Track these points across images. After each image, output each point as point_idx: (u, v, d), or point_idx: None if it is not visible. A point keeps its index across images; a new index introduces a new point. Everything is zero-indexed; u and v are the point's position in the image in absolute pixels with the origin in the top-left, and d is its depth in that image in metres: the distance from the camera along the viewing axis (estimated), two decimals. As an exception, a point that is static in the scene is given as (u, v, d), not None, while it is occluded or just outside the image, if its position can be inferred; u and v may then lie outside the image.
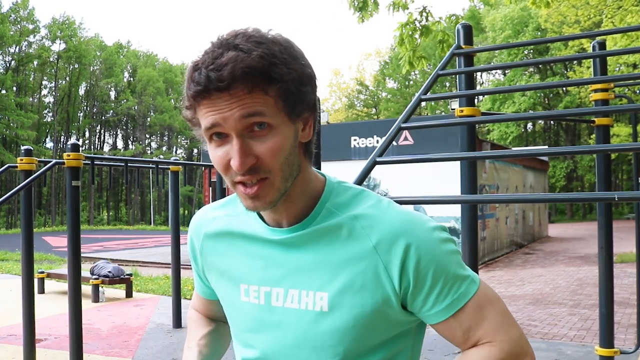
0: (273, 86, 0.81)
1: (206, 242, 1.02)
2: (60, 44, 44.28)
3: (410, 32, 6.47)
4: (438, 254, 0.87)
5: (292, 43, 0.86)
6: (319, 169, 1.56)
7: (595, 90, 3.07)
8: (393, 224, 0.87)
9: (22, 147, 4.87)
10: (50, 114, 45.42)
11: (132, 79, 51.80)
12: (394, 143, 10.97)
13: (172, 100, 52.03)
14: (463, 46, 2.68)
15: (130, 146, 50.70)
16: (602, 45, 3.13)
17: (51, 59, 43.79)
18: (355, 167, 1.89)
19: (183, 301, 7.12)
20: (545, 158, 20.83)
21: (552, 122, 40.28)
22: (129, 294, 8.59)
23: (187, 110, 0.87)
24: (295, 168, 0.88)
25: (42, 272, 9.02)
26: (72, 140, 6.89)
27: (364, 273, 0.86)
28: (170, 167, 6.69)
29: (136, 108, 49.25)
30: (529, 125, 41.92)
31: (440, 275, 0.86)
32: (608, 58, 8.61)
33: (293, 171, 0.87)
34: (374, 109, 49.63)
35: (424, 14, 6.52)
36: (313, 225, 0.90)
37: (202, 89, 0.80)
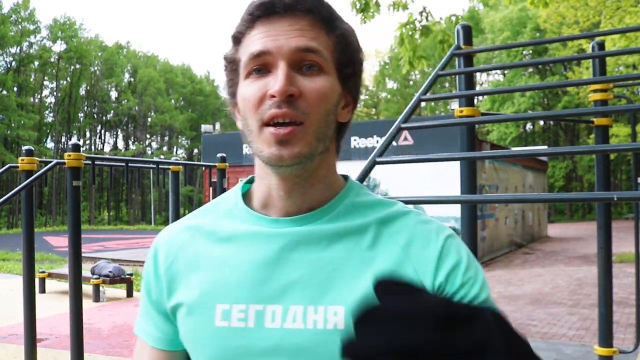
0: (335, 31, 0.75)
1: (176, 258, 0.80)
2: (61, 44, 44.32)
3: (410, 32, 6.48)
4: (470, 262, 0.74)
5: None
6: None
7: (595, 91, 3.09)
8: (423, 225, 0.76)
9: (23, 148, 4.89)
10: (51, 114, 45.44)
11: (132, 79, 51.82)
12: (394, 143, 10.98)
13: (173, 101, 52.06)
14: (462, 47, 2.69)
15: (131, 146, 50.72)
16: (601, 45, 3.15)
17: (52, 60, 43.81)
18: (355, 167, 1.91)
19: (183, 301, 7.12)
20: (544, 158, 20.85)
21: (551, 122, 40.30)
22: (129, 294, 8.61)
23: (232, 44, 0.77)
24: (329, 135, 0.76)
25: (43, 272, 9.05)
26: (73, 140, 6.91)
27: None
28: (170, 167, 6.69)
29: (137, 108, 49.26)
30: (529, 125, 41.95)
31: (473, 270, 0.74)
32: (607, 59, 8.64)
33: (326, 137, 0.75)
34: (374, 109, 49.63)
35: (424, 14, 6.54)
36: (328, 221, 0.75)
37: (268, 2, 0.72)
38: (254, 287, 0.73)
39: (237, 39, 0.76)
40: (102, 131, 52.28)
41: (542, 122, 41.71)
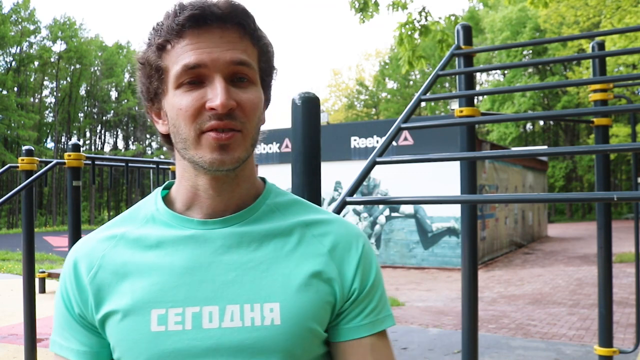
0: (259, 42, 0.80)
1: (101, 267, 0.78)
2: (61, 44, 44.30)
3: (409, 32, 6.49)
4: (378, 267, 0.85)
5: None
6: (319, 168, 1.57)
7: (595, 91, 3.09)
8: (345, 231, 0.83)
9: (23, 148, 4.88)
10: (52, 114, 45.44)
11: (132, 79, 51.78)
12: (394, 143, 11.00)
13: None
14: (463, 47, 2.69)
15: (131, 146, 50.73)
16: (601, 45, 3.15)
17: (52, 60, 43.80)
18: (355, 167, 1.91)
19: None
20: (544, 158, 20.85)
21: (551, 122, 40.29)
22: (129, 294, 8.61)
23: (156, 51, 0.77)
24: (257, 140, 0.82)
25: (43, 272, 9.05)
26: (73, 140, 6.91)
27: (317, 277, 0.78)
28: (170, 167, 6.69)
29: (137, 108, 49.26)
30: (529, 125, 41.95)
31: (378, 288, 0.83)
32: (607, 59, 8.64)
33: (256, 141, 0.81)
34: (374, 109, 49.62)
35: (423, 13, 6.54)
36: (254, 222, 0.80)
37: (199, 14, 0.73)
38: (189, 290, 0.74)
39: (163, 47, 0.77)
40: (102, 131, 52.31)
41: (542, 122, 41.69)
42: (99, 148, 51.07)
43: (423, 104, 2.40)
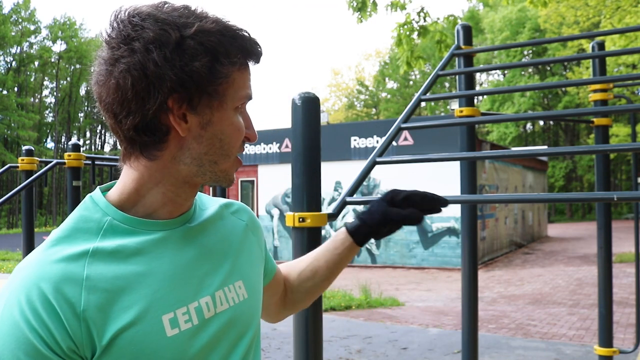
0: None
1: (91, 289, 0.71)
2: (61, 44, 44.31)
3: (408, 33, 6.49)
4: None
5: None
6: (320, 168, 1.58)
7: (595, 91, 3.09)
8: (247, 207, 1.03)
9: (23, 148, 4.88)
10: (52, 115, 45.46)
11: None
12: (394, 143, 10.99)
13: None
14: (463, 47, 2.69)
15: (131, 146, 50.70)
16: (601, 45, 3.15)
17: (52, 60, 43.81)
18: (355, 167, 1.91)
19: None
20: (544, 158, 20.85)
21: (551, 122, 40.29)
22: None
23: (235, 62, 0.79)
24: None
25: (43, 272, 9.04)
26: (73, 140, 6.90)
27: (251, 249, 0.95)
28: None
29: (136, 108, 49.27)
30: (529, 125, 41.96)
31: None
32: (607, 58, 8.64)
33: None
34: (374, 109, 49.62)
35: (422, 14, 6.54)
36: (197, 217, 0.88)
37: (261, 55, 0.84)
38: (184, 288, 0.79)
39: (235, 63, 0.79)
40: (102, 131, 52.33)
41: (542, 122, 41.69)
42: (99, 148, 51.09)
43: (423, 104, 2.40)
